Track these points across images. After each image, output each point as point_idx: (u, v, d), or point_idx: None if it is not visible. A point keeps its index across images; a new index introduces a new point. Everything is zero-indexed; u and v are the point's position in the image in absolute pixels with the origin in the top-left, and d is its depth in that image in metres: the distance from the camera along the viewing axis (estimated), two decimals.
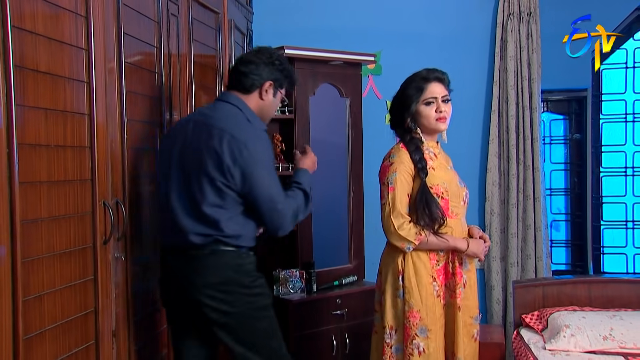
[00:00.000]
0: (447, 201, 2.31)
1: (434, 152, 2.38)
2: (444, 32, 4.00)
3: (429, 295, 2.26)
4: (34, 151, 1.54)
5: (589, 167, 4.09)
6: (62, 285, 1.65)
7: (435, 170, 2.33)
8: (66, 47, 1.67)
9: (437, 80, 2.34)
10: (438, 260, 2.31)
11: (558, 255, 4.22)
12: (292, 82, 2.27)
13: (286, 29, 3.89)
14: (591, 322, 3.05)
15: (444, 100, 2.33)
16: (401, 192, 2.26)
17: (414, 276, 2.27)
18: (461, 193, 2.37)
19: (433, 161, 2.35)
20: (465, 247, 2.30)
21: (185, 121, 2.12)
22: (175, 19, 2.43)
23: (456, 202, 2.35)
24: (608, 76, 4.17)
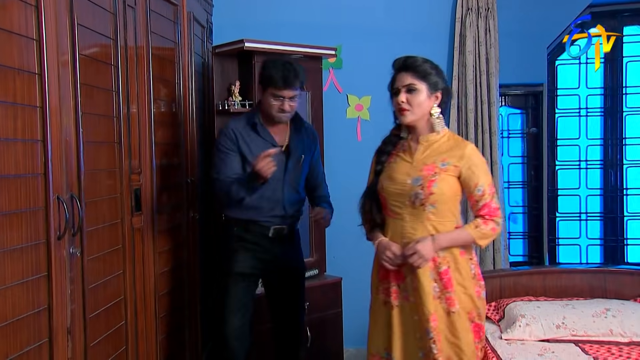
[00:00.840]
0: (384, 199, 2.29)
1: (406, 147, 2.29)
2: (404, 26, 4.03)
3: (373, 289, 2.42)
4: None
5: (545, 160, 4.19)
6: (13, 282, 1.61)
7: (389, 166, 2.30)
8: (15, 36, 1.62)
9: (402, 69, 2.24)
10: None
11: (516, 247, 4.32)
12: (271, 80, 2.61)
13: (246, 22, 3.86)
14: (545, 312, 3.13)
15: (409, 90, 2.21)
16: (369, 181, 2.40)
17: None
18: (407, 192, 2.21)
19: (396, 157, 2.31)
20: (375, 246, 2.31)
21: None
22: (132, 10, 2.39)
23: (397, 201, 2.24)
24: (562, 71, 4.29)
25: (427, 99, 2.22)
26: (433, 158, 2.23)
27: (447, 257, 2.22)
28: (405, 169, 2.26)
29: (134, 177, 2.41)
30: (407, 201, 2.21)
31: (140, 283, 2.46)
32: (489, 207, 2.21)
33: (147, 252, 2.53)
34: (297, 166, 2.78)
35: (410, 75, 2.21)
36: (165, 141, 2.74)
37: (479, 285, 2.30)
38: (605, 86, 4.28)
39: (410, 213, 2.22)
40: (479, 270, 2.33)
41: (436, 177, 2.19)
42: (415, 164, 2.24)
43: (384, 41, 3.97)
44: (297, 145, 2.78)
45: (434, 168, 2.20)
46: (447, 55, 4.06)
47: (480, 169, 2.22)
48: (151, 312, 2.57)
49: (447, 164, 2.20)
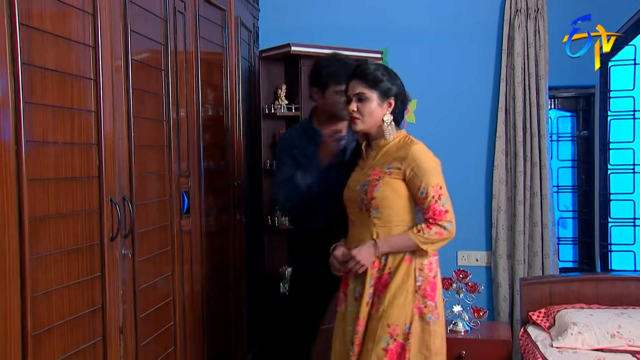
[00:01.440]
0: (346, 207, 2.27)
1: (363, 155, 2.28)
2: (450, 28, 3.99)
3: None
4: (41, 148, 1.55)
5: (596, 164, 4.06)
6: (69, 282, 1.66)
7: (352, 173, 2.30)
8: (73, 44, 1.68)
9: (353, 77, 2.21)
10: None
11: (565, 253, 4.20)
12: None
13: (292, 26, 3.89)
14: (599, 320, 3.04)
15: (359, 99, 2.17)
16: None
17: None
18: (356, 198, 2.19)
19: (357, 166, 2.30)
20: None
21: None
22: (182, 16, 2.43)
23: (352, 208, 2.23)
24: (616, 73, 4.15)
25: (378, 107, 2.18)
26: (382, 162, 2.19)
27: (390, 262, 2.14)
28: (358, 176, 2.24)
29: (182, 180, 2.45)
30: (357, 207, 2.19)
31: (189, 284, 2.50)
32: (433, 210, 2.10)
33: (195, 254, 2.57)
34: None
35: (360, 84, 2.18)
36: (212, 145, 2.78)
37: (423, 304, 2.12)
38: None
39: (359, 219, 2.20)
40: (433, 287, 2.15)
41: (379, 181, 2.14)
42: (366, 170, 2.22)
43: (429, 44, 3.94)
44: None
45: (379, 172, 2.16)
46: (494, 57, 3.99)
47: (424, 170, 2.11)
48: (199, 313, 2.60)
49: (391, 167, 2.15)
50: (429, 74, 2.42)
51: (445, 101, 3.96)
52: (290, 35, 3.47)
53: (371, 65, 2.21)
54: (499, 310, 3.91)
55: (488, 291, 3.99)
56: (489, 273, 4.02)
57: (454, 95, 3.93)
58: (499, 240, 3.91)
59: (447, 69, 3.95)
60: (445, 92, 3.94)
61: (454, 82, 3.96)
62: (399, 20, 3.96)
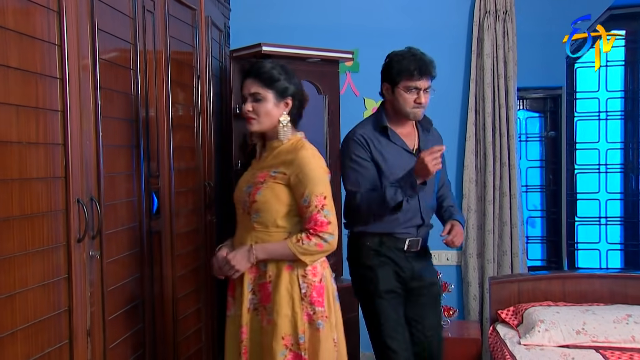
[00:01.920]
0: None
1: (257, 155, 2.25)
2: (420, 29, 4.02)
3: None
4: (4, 148, 1.52)
5: (563, 164, 4.15)
6: (34, 285, 1.63)
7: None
8: (38, 42, 1.65)
9: (248, 76, 2.16)
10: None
11: (534, 252, 4.28)
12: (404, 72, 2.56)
13: (263, 26, 3.88)
14: (565, 317, 3.10)
15: (255, 99, 2.13)
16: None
17: None
18: (241, 200, 2.17)
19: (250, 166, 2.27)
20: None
21: None
22: (151, 15, 2.41)
23: (238, 209, 2.21)
24: (582, 74, 4.24)
25: (274, 107, 2.13)
26: (269, 164, 2.14)
27: (271, 269, 2.09)
28: (247, 177, 2.21)
29: (152, 181, 2.42)
30: (241, 209, 2.17)
31: (158, 286, 2.48)
32: (315, 220, 2.03)
33: (165, 255, 2.54)
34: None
35: (255, 83, 2.12)
36: (183, 145, 2.75)
37: (312, 310, 2.06)
38: (625, 89, 4.22)
39: (242, 221, 2.18)
40: (320, 292, 2.08)
41: (264, 184, 2.09)
42: (255, 171, 2.18)
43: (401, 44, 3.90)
44: (427, 146, 2.55)
45: (265, 175, 2.11)
46: (464, 58, 4.04)
47: (310, 177, 2.05)
48: (169, 315, 2.58)
49: (278, 171, 2.09)
50: None
51: None
52: (261, 35, 3.46)
53: (267, 63, 2.16)
54: (469, 309, 3.96)
55: (458, 290, 4.04)
56: (459, 272, 4.07)
57: None
58: (469, 239, 3.96)
59: None
60: None
61: None
62: (371, 21, 3.99)
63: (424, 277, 2.62)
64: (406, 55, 2.51)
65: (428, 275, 2.65)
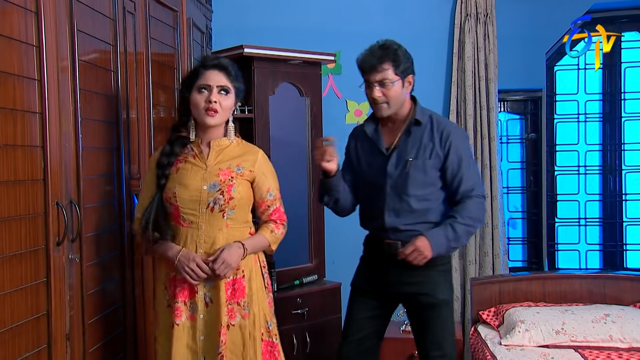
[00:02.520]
0: (177, 207, 2.10)
1: (195, 152, 2.14)
2: (402, 32, 4.01)
3: (159, 303, 2.16)
4: None
5: (543, 165, 4.20)
6: (12, 289, 1.61)
7: (177, 172, 2.12)
8: (15, 43, 1.63)
9: (217, 67, 2.11)
10: (170, 270, 2.13)
11: (515, 253, 4.32)
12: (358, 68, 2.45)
13: (245, 28, 3.88)
14: (545, 317, 3.14)
15: (221, 91, 2.09)
16: (144, 196, 2.17)
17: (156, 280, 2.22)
18: (204, 198, 2.09)
19: (184, 163, 2.14)
20: (175, 258, 2.07)
21: None
22: (132, 16, 2.39)
23: (192, 208, 2.09)
24: (561, 77, 4.30)
25: (233, 105, 2.16)
26: (227, 163, 2.14)
27: (243, 264, 2.13)
28: (199, 175, 2.11)
29: (132, 183, 2.41)
30: (203, 208, 2.10)
31: (139, 289, 2.46)
32: (279, 212, 2.25)
33: (146, 258, 2.52)
34: (402, 171, 2.41)
35: (223, 76, 2.10)
36: None
37: (270, 298, 2.24)
38: (604, 92, 4.29)
39: (207, 221, 2.10)
40: (269, 280, 2.28)
41: (234, 181, 2.11)
42: (210, 169, 2.12)
43: None
44: (406, 148, 2.43)
45: (230, 173, 2.12)
46: (445, 60, 4.07)
47: (271, 174, 2.24)
48: (150, 319, 2.56)
49: (242, 168, 2.15)
50: None
51: None
52: (243, 37, 3.46)
53: (226, 59, 2.16)
54: None
55: None
56: None
57: None
58: None
59: None
60: None
61: None
62: (353, 23, 4.00)
63: (405, 286, 2.44)
64: (365, 50, 2.45)
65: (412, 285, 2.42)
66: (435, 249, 2.31)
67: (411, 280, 2.42)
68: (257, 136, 3.32)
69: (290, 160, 3.46)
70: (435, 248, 2.32)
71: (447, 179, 2.42)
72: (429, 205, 2.43)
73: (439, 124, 2.45)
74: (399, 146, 2.44)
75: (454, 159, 2.40)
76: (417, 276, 2.41)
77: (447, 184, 2.43)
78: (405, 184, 2.40)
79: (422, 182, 2.41)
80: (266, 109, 3.37)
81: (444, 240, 2.34)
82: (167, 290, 2.14)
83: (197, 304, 2.10)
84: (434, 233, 2.35)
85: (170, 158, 2.13)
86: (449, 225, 2.35)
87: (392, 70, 2.36)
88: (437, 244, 2.32)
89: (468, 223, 2.37)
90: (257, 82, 3.35)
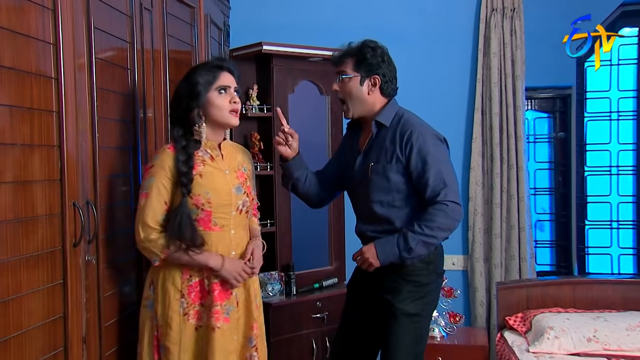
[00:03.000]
0: (210, 213, 2.11)
1: (211, 155, 2.19)
2: (426, 28, 4.03)
3: (174, 312, 2.09)
4: None
5: (573, 166, 4.14)
6: (28, 291, 1.63)
7: (203, 177, 2.13)
8: (32, 41, 1.65)
9: (229, 71, 2.20)
10: (191, 275, 2.13)
11: (543, 256, 4.27)
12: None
13: (264, 25, 3.89)
14: (575, 324, 3.09)
15: (235, 92, 2.21)
16: (156, 202, 2.08)
17: (161, 289, 2.12)
18: (234, 202, 2.16)
19: (204, 166, 2.15)
20: (219, 266, 2.10)
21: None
22: (149, 13, 2.41)
23: (223, 212, 2.14)
24: (592, 74, 4.23)
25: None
26: (236, 164, 2.26)
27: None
28: (224, 178, 2.18)
29: None
30: (234, 211, 2.17)
31: None
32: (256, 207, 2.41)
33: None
34: (365, 175, 2.39)
35: (235, 78, 2.22)
36: None
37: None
38: (638, 88, 4.21)
39: (236, 223, 2.19)
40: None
41: (247, 182, 2.27)
42: (230, 172, 2.21)
43: (405, 43, 3.96)
44: (371, 151, 2.40)
45: (242, 174, 2.26)
46: (470, 57, 4.04)
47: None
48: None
49: (246, 168, 2.30)
50: (404, 74, 2.43)
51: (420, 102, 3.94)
52: (262, 34, 3.46)
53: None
54: (476, 315, 3.95)
55: (465, 296, 4.03)
56: (465, 277, 4.06)
57: (429, 96, 3.96)
58: (475, 243, 3.96)
59: (422, 69, 3.99)
60: (420, 93, 3.96)
61: (429, 83, 4.00)
62: (374, 19, 3.98)
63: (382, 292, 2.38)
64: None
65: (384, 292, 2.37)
66: (382, 257, 2.27)
67: (384, 285, 2.37)
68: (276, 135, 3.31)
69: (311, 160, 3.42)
70: (383, 256, 2.27)
71: (413, 184, 2.32)
72: (396, 212, 2.34)
73: (404, 126, 2.35)
74: (367, 149, 2.42)
75: (417, 162, 2.29)
76: (387, 281, 2.37)
77: (416, 190, 2.33)
78: (368, 189, 2.38)
79: (385, 187, 2.34)
80: (285, 108, 3.36)
81: (393, 249, 2.27)
82: (186, 297, 2.12)
83: (232, 305, 2.17)
84: (384, 241, 2.30)
85: (189, 163, 2.10)
86: (401, 235, 2.27)
87: (351, 66, 2.39)
88: (385, 252, 2.27)
89: (426, 233, 2.24)
90: (276, 80, 3.36)
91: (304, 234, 3.50)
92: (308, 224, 3.51)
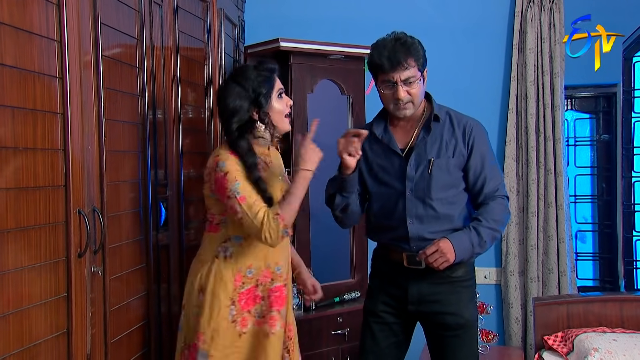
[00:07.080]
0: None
1: (265, 161, 2.29)
2: (456, 22, 4.00)
3: (222, 319, 2.18)
4: None
5: (619, 171, 4.08)
6: (30, 304, 1.64)
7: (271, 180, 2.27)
8: (36, 38, 1.66)
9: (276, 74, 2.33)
10: (244, 282, 2.22)
11: (584, 270, 4.21)
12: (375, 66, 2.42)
13: (281, 20, 3.90)
14: (624, 346, 3.04)
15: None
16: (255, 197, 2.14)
17: (211, 295, 2.19)
18: None
19: (265, 172, 2.26)
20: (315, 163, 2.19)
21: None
22: (159, 7, 2.43)
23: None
24: None
25: None
26: (280, 169, 2.40)
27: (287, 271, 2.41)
28: (279, 184, 2.31)
29: (159, 189, 2.43)
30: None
31: (166, 305, 2.48)
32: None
33: (174, 271, 2.55)
34: (424, 173, 2.38)
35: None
36: (193, 150, 2.76)
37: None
38: None
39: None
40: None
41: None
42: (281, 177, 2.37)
43: (433, 39, 3.90)
44: (425, 147, 2.40)
45: (287, 178, 2.41)
46: (504, 53, 4.01)
47: None
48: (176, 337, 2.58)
49: (285, 172, 2.45)
50: (432, 71, 2.42)
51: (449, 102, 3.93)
52: (279, 30, 3.48)
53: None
54: (511, 333, 3.91)
55: (498, 312, 3.99)
56: (499, 292, 4.02)
57: (460, 95, 3.92)
58: (509, 255, 3.92)
59: (452, 66, 3.96)
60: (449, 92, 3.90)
61: (459, 81, 3.97)
62: (400, 14, 3.97)
63: (428, 305, 2.40)
64: (378, 45, 2.39)
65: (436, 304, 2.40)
66: (458, 253, 2.28)
67: (435, 298, 2.39)
68: (295, 137, 3.31)
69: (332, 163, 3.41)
70: (459, 252, 2.29)
71: (469, 179, 2.40)
72: (454, 209, 2.41)
73: (458, 119, 2.45)
74: (417, 146, 2.41)
75: (477, 157, 2.39)
76: (441, 293, 2.39)
77: (469, 185, 2.41)
78: (429, 187, 2.37)
79: (446, 183, 2.39)
80: (304, 108, 3.36)
81: (468, 244, 2.31)
82: (236, 304, 2.21)
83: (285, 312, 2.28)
84: (458, 236, 2.32)
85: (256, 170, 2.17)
86: (473, 229, 2.33)
87: (416, 67, 2.34)
88: (461, 248, 2.29)
89: (493, 227, 2.34)
90: (295, 79, 3.36)
91: (324, 244, 3.49)
92: (327, 233, 3.49)
